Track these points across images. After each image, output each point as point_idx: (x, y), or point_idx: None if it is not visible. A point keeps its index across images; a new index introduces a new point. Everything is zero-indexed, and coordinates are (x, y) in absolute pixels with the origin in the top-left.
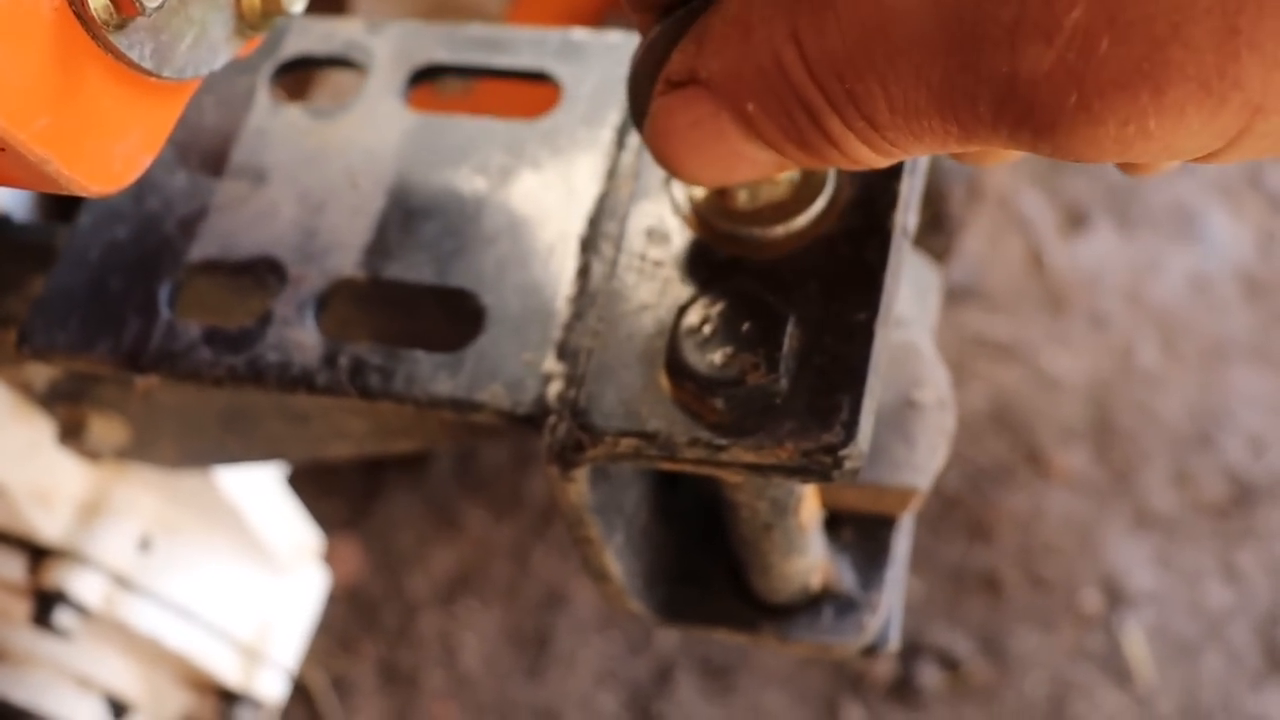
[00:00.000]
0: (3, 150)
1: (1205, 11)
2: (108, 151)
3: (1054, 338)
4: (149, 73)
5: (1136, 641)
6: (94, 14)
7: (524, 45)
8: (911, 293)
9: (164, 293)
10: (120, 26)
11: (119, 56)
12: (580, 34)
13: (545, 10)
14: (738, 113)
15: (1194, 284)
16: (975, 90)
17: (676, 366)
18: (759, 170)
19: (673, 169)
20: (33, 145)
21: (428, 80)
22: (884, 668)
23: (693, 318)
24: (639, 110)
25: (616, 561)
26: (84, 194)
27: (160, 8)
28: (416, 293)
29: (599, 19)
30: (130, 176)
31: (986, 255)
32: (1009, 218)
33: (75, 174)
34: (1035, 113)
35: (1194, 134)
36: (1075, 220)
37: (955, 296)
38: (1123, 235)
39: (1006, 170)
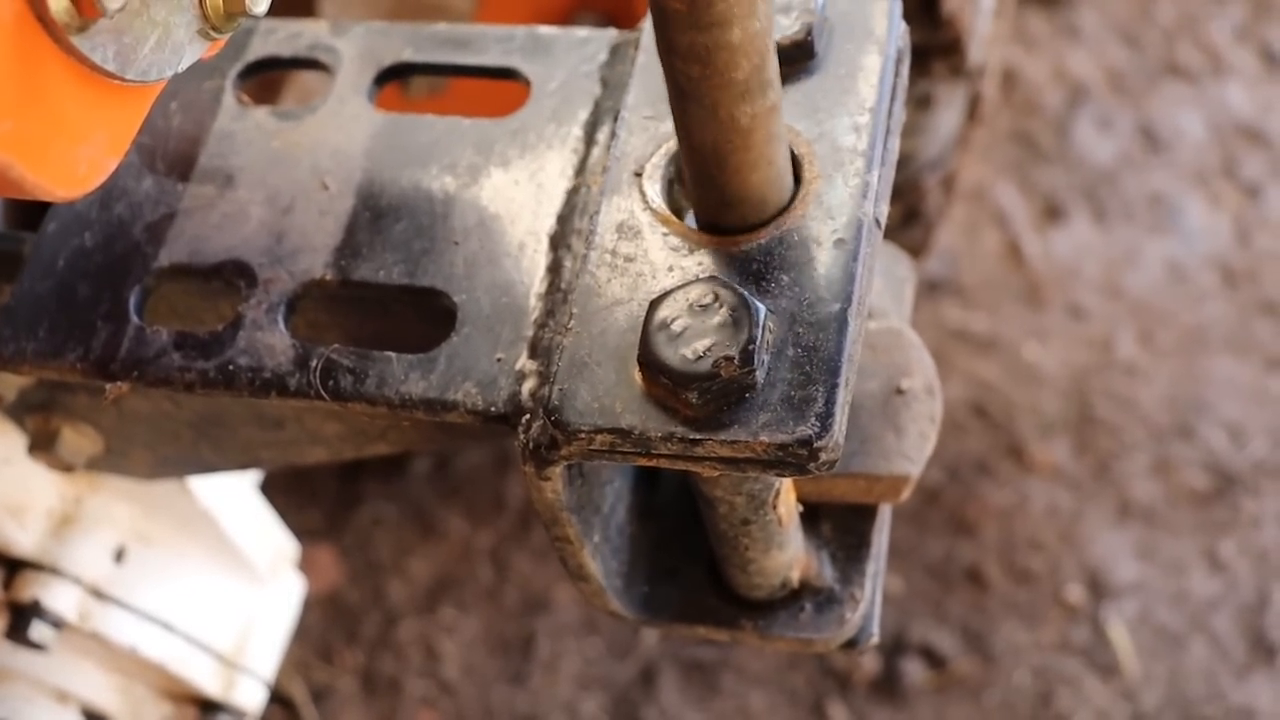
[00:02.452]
0: None
1: None
2: (72, 155)
3: (1032, 330)
4: (112, 75)
5: (1121, 633)
6: (55, 17)
7: (491, 43)
8: (885, 285)
9: (133, 299)
10: (82, 29)
11: (81, 59)
12: (547, 30)
13: (513, 7)
14: None
15: (1171, 274)
16: None
17: (649, 361)
18: None
19: None
20: None
21: (395, 80)
22: (868, 665)
23: (665, 312)
24: None
25: (595, 561)
26: (49, 198)
27: (122, 9)
28: (387, 293)
29: (568, 17)
30: (95, 180)
31: (963, 249)
32: (985, 211)
33: (39, 178)
34: None
35: None
36: (1051, 212)
37: (933, 290)
38: (1099, 226)
39: (981, 163)
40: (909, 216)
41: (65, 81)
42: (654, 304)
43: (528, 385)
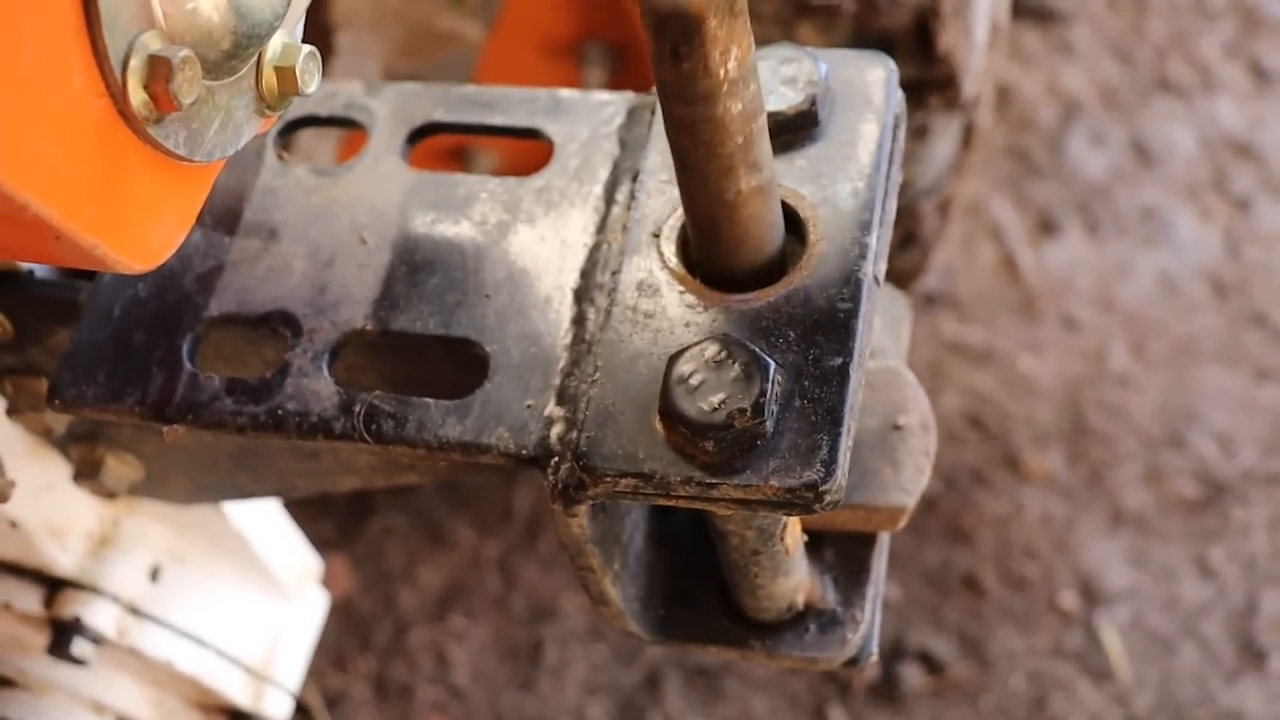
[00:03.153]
0: (57, 238)
1: None
2: (147, 232)
3: (1027, 342)
4: (182, 158)
5: (1113, 638)
6: (135, 111)
7: (515, 104)
8: (884, 324)
9: (186, 346)
10: (158, 121)
11: (156, 146)
12: (567, 93)
13: (523, 38)
14: None
15: (1163, 286)
16: None
17: (669, 412)
18: None
19: None
20: (84, 233)
21: (425, 138)
22: (868, 671)
23: (683, 367)
24: None
25: (615, 587)
26: (127, 271)
27: (194, 103)
28: (423, 342)
29: (577, 50)
30: (167, 252)
31: (959, 263)
32: (980, 225)
33: (120, 255)
34: None
35: None
36: (1045, 226)
37: (930, 304)
38: (1092, 240)
39: (977, 178)
40: (906, 240)
41: (142, 167)
42: (673, 359)
43: (556, 430)
